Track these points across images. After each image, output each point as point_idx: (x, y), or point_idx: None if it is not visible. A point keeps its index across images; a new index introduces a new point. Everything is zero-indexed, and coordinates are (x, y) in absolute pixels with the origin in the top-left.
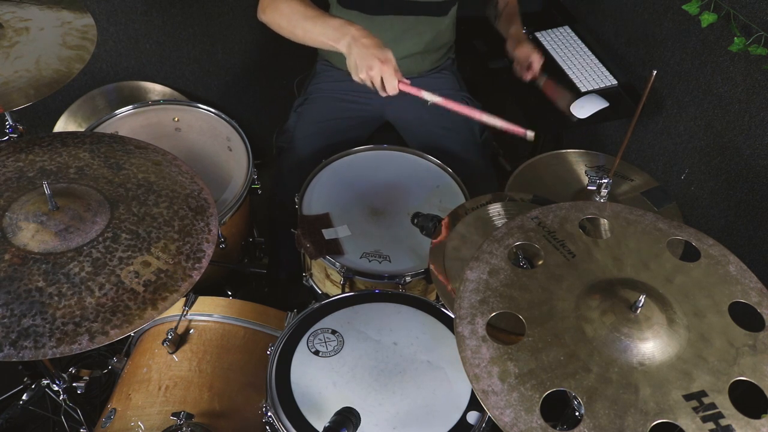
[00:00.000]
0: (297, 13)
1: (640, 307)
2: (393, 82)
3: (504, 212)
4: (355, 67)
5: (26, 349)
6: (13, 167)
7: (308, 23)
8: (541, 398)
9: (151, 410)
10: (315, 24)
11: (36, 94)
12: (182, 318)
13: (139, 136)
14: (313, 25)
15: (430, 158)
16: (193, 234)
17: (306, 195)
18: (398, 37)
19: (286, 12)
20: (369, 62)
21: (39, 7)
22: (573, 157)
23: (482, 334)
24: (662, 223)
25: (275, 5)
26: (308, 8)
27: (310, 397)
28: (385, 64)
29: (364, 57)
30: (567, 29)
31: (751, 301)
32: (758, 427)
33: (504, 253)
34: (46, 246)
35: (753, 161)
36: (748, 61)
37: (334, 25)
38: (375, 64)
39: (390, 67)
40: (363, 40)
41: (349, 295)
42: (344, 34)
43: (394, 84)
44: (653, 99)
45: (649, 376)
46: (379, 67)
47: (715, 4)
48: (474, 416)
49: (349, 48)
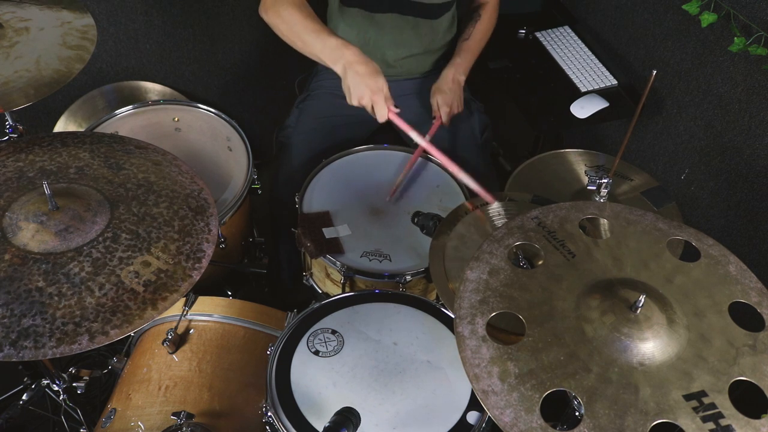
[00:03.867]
0: (298, 23)
1: (640, 307)
2: (383, 111)
3: (504, 212)
4: (348, 92)
5: (26, 349)
6: (13, 167)
7: (309, 37)
8: (541, 398)
9: (151, 410)
10: (315, 39)
11: (36, 94)
12: (182, 318)
13: (139, 136)
14: (313, 39)
15: (430, 158)
16: (193, 234)
17: (306, 193)
18: (398, 36)
19: (287, 19)
20: (360, 91)
21: (39, 7)
22: (573, 157)
23: (482, 334)
24: (662, 223)
25: (276, 9)
26: (309, 20)
27: (310, 397)
28: (376, 94)
29: (357, 85)
30: (567, 29)
31: (751, 301)
32: (758, 427)
33: (504, 253)
34: (46, 246)
35: (753, 161)
36: (748, 61)
37: (331, 46)
38: (366, 93)
39: (381, 97)
40: (357, 67)
41: (349, 295)
42: (340, 57)
43: (384, 113)
44: (653, 99)
45: (649, 376)
46: (370, 97)
47: (715, 4)
48: (474, 416)
49: (344, 72)
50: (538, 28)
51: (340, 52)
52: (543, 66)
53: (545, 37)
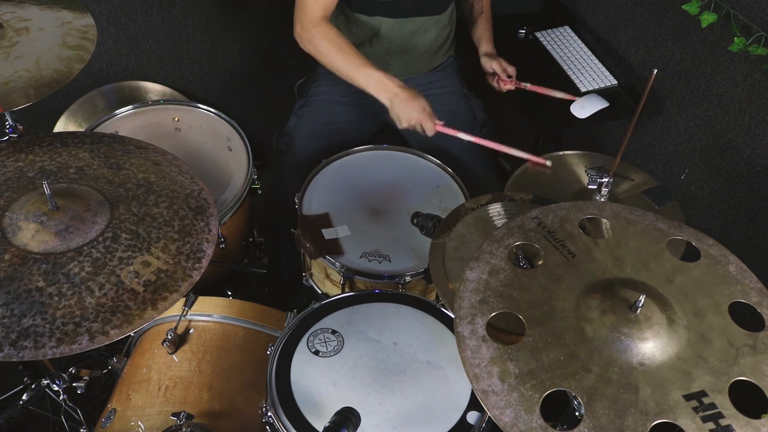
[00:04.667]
0: (337, 58)
1: (640, 307)
2: (430, 127)
3: (504, 212)
4: (398, 119)
5: (26, 349)
6: (13, 167)
7: (350, 70)
8: (541, 398)
9: (151, 410)
10: (357, 73)
11: (36, 94)
12: (182, 318)
13: (139, 136)
14: (355, 73)
15: (430, 158)
16: (193, 234)
17: (306, 195)
18: (412, 38)
19: (325, 53)
20: (409, 115)
21: (39, 7)
22: (573, 157)
23: (482, 334)
24: (662, 223)
25: (314, 43)
26: (348, 55)
27: (310, 397)
28: (422, 113)
29: (404, 111)
30: (567, 29)
31: (751, 301)
32: (758, 427)
33: (504, 253)
34: (46, 246)
35: (753, 161)
36: (748, 61)
37: (375, 79)
38: (414, 115)
39: (427, 115)
40: (402, 95)
41: (349, 295)
42: (384, 89)
43: (432, 128)
44: (653, 99)
45: (649, 376)
46: (419, 117)
47: (715, 4)
48: (474, 416)
49: (391, 102)
50: (538, 28)
51: (383, 84)
52: (543, 66)
53: (545, 37)
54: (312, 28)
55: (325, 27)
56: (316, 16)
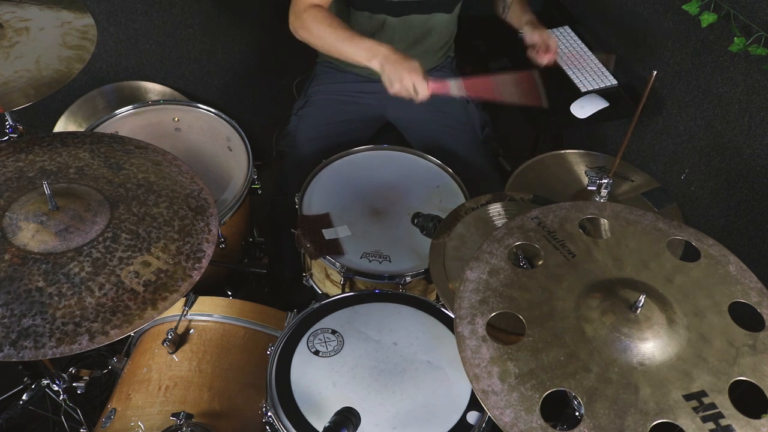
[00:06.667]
0: (329, 35)
1: (640, 307)
2: (423, 86)
3: (504, 212)
4: (389, 81)
5: (26, 349)
6: (13, 167)
7: (342, 45)
8: (541, 398)
9: (151, 410)
10: (348, 46)
11: (36, 94)
12: (182, 318)
13: (139, 136)
14: (347, 46)
15: (430, 158)
16: (193, 234)
17: (306, 195)
18: (416, 37)
19: (318, 34)
20: (400, 74)
21: (39, 7)
22: (573, 157)
23: (482, 334)
24: (662, 223)
25: (306, 27)
26: (338, 29)
27: (310, 397)
28: (413, 73)
29: (395, 71)
30: (567, 29)
31: (751, 301)
32: (758, 427)
33: (504, 253)
34: (46, 246)
35: (753, 161)
36: (748, 61)
37: (365, 47)
38: (405, 75)
39: (419, 75)
40: (392, 57)
41: (349, 295)
42: (375, 55)
43: (424, 87)
44: (653, 99)
45: (649, 376)
46: (409, 77)
47: (715, 4)
48: (474, 416)
49: (382, 66)
50: None
51: (375, 50)
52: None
53: None
54: (303, 13)
55: (315, 10)
56: (308, 2)
